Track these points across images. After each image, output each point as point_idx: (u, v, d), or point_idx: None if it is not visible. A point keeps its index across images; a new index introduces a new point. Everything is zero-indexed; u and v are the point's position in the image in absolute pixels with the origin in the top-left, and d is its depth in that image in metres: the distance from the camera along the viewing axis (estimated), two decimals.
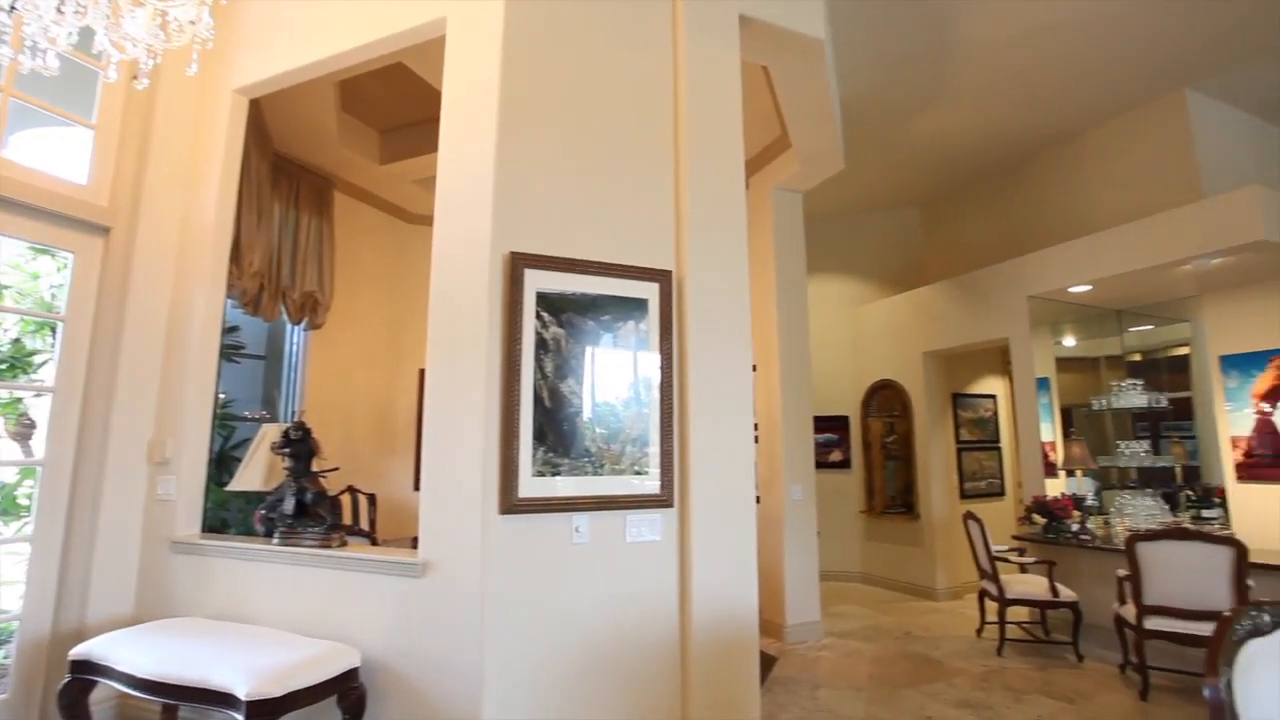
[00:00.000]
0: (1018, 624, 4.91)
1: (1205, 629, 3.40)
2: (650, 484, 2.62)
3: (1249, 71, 5.00)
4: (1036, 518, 5.10)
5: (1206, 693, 1.43)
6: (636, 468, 2.62)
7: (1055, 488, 5.57)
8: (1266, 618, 1.61)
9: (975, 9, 4.28)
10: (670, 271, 2.78)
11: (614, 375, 2.66)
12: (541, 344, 2.56)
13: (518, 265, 2.55)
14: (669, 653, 2.59)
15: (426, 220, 2.84)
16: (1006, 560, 4.82)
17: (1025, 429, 5.71)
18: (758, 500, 5.18)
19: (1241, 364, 5.23)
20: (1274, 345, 5.03)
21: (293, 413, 4.84)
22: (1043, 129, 5.87)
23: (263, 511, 2.91)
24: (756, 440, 5.26)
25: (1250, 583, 3.54)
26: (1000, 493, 6.94)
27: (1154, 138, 5.40)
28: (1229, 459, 5.28)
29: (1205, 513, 5.25)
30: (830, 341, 7.39)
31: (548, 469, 2.50)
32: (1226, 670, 1.44)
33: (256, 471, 3.02)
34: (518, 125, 2.66)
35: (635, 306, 2.71)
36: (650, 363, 2.70)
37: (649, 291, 2.73)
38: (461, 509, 2.41)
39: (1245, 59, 4.85)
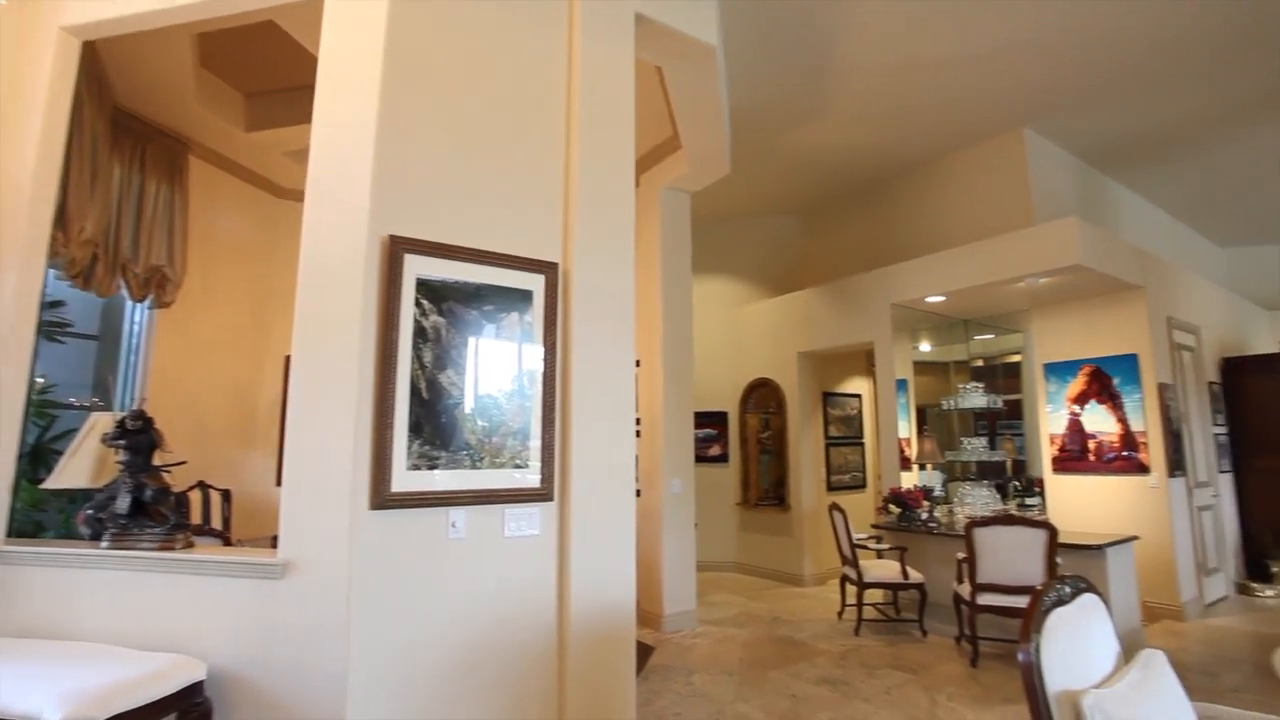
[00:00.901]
0: (873, 605, 5.33)
1: (1023, 602, 3.86)
2: (531, 477, 2.60)
3: (1072, 119, 5.72)
4: (892, 508, 5.57)
5: (1020, 656, 1.62)
6: (517, 461, 2.58)
7: (909, 480, 6.11)
8: (1068, 589, 1.85)
9: (855, 37, 4.58)
10: (556, 264, 2.76)
11: (496, 367, 2.60)
12: (420, 333, 2.46)
13: (397, 249, 2.43)
14: (546, 647, 2.58)
15: (298, 196, 2.63)
16: (865, 547, 5.23)
17: (885, 426, 6.20)
18: (638, 494, 5.27)
19: (1060, 371, 5.98)
20: (1085, 355, 5.80)
21: (131, 400, 4.33)
22: (909, 151, 6.39)
23: (90, 512, 2.58)
24: (638, 435, 5.36)
25: (1059, 560, 4.06)
26: (863, 485, 7.51)
27: (998, 168, 6.04)
28: (1047, 453, 6.02)
29: (1028, 500, 5.96)
30: (712, 340, 7.65)
31: (424, 462, 2.41)
32: (1036, 636, 1.64)
33: (83, 466, 2.68)
34: (402, 103, 2.53)
35: (520, 298, 2.67)
36: (534, 355, 2.67)
37: (534, 283, 2.70)
38: (328, 505, 2.27)
39: (1070, 108, 5.54)
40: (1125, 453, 5.47)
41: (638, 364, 5.40)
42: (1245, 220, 8.31)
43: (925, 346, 7.07)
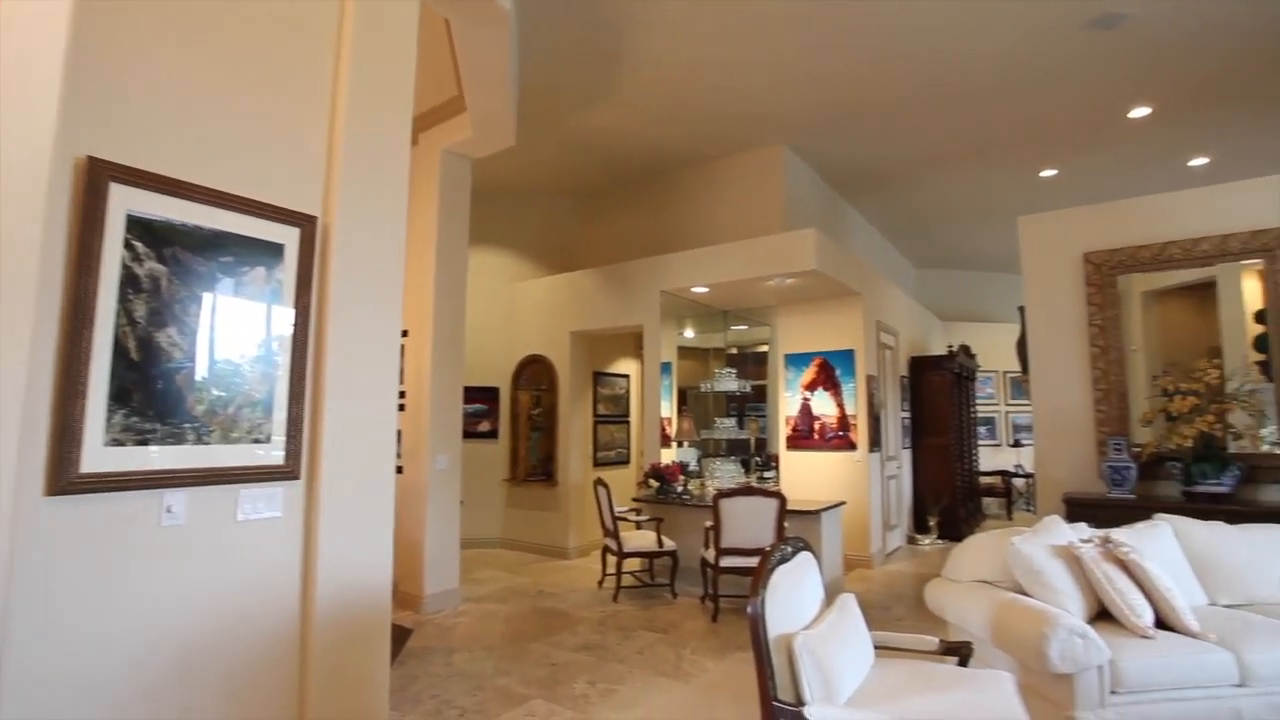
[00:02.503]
0: (631, 573, 5.70)
1: (756, 562, 4.42)
2: (274, 453, 2.31)
3: (817, 143, 6.61)
4: (652, 482, 5.98)
5: (749, 609, 1.85)
6: (257, 435, 2.27)
7: (669, 456, 6.61)
8: (789, 549, 2.16)
9: (645, 28, 4.73)
10: (315, 217, 2.46)
11: (237, 329, 2.25)
12: (132, 281, 2.03)
13: (99, 176, 1.97)
14: (287, 640, 2.33)
15: None
16: (626, 519, 5.55)
17: (650, 405, 6.63)
18: (400, 470, 4.99)
19: (797, 361, 6.91)
20: (816, 349, 6.78)
21: None
22: (686, 148, 6.83)
23: None
24: (402, 408, 5.06)
25: (787, 524, 4.72)
26: (627, 461, 7.95)
27: (761, 176, 6.74)
28: (783, 432, 6.94)
29: (766, 474, 6.82)
30: (486, 314, 7.50)
31: (130, 437, 2.00)
32: (763, 591, 1.89)
33: None
34: None
35: (269, 251, 2.33)
36: (283, 318, 2.36)
37: (287, 236, 2.38)
38: None
39: (815, 134, 6.39)
40: (841, 432, 6.52)
41: (405, 334, 5.08)
42: (931, 248, 10.42)
43: (689, 333, 7.67)
